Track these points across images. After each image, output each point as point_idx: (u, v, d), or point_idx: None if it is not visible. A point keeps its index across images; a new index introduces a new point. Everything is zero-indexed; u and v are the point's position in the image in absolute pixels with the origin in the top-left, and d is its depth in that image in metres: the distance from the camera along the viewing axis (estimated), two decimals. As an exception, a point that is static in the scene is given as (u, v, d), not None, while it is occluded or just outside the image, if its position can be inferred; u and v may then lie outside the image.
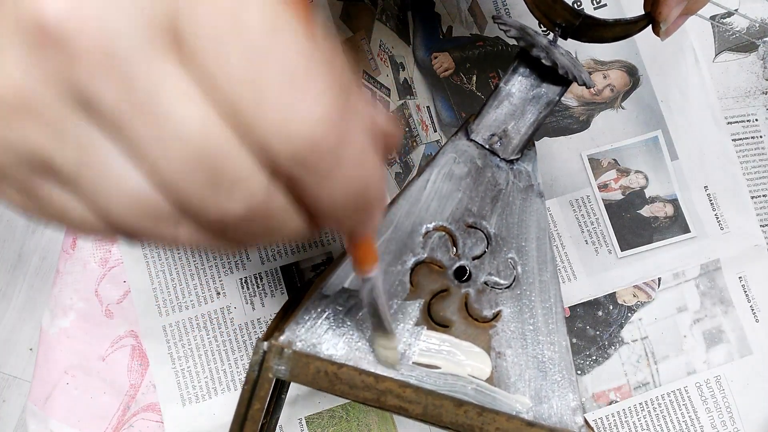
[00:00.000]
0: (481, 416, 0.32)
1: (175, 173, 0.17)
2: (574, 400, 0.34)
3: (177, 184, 0.17)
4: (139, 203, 0.18)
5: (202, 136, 0.17)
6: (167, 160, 0.17)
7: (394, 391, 0.32)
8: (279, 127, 0.17)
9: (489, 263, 0.36)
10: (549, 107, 0.39)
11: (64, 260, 0.54)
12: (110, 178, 0.18)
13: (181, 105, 0.17)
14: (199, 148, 0.17)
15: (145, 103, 0.16)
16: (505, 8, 0.56)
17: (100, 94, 0.16)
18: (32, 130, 0.17)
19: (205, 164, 0.17)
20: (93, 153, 0.17)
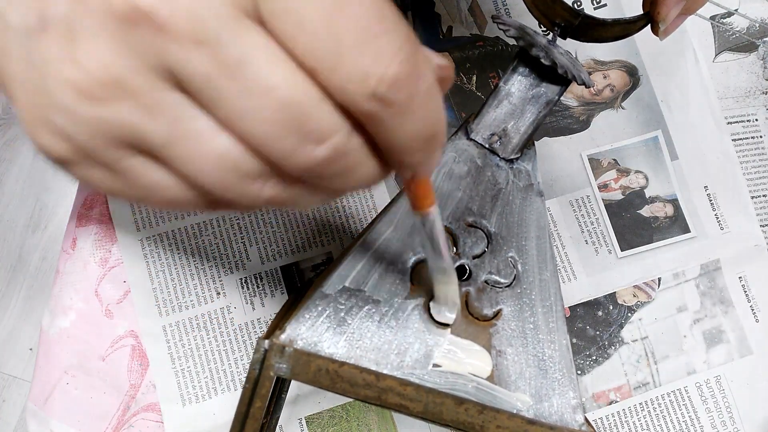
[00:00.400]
0: (482, 414, 0.32)
1: (265, 130, 0.19)
2: (574, 398, 0.34)
3: (266, 139, 0.19)
4: (229, 164, 0.19)
5: (288, 93, 0.18)
6: (257, 119, 0.18)
7: (395, 389, 0.32)
8: (359, 74, 0.18)
9: (489, 262, 0.36)
10: (548, 107, 0.39)
11: (64, 260, 0.54)
12: (201, 144, 0.19)
13: (266, 68, 0.18)
14: (286, 104, 0.18)
15: (234, 71, 0.18)
16: (505, 8, 0.56)
17: (192, 67, 0.18)
18: (124, 108, 0.18)
19: (292, 118, 0.18)
20: (183, 123, 0.19)
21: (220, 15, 0.17)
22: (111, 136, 0.19)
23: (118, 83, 0.18)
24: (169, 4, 0.17)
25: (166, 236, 0.53)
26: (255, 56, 0.18)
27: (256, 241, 0.53)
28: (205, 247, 0.53)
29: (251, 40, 0.18)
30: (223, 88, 0.18)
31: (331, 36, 0.18)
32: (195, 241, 0.53)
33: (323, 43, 0.18)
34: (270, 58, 0.18)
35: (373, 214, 0.54)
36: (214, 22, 0.17)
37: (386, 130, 0.20)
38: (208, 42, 0.17)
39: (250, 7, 0.18)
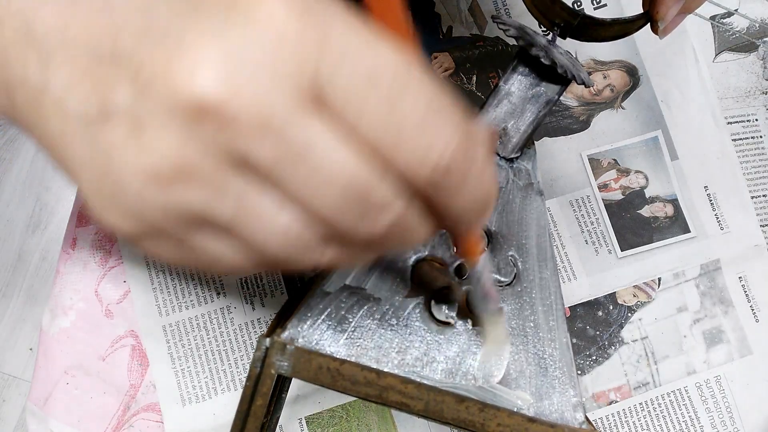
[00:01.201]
0: (483, 412, 0.32)
1: (330, 206, 0.20)
2: (574, 396, 0.34)
3: (331, 214, 0.20)
4: (293, 236, 0.21)
5: (352, 172, 0.19)
6: (323, 197, 0.19)
7: (396, 387, 0.32)
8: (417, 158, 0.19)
9: (490, 261, 0.37)
10: (548, 106, 0.39)
11: (64, 260, 0.54)
12: (266, 219, 0.20)
13: (331, 150, 0.19)
14: (351, 182, 0.19)
15: (300, 155, 0.19)
16: (505, 8, 0.56)
17: (258, 154, 0.19)
18: (192, 192, 0.19)
19: (354, 197, 0.20)
20: (250, 201, 0.20)
21: (285, 104, 0.18)
22: (179, 217, 0.20)
23: (186, 169, 0.19)
24: (236, 97, 0.18)
25: (166, 236, 0.53)
26: (319, 140, 0.19)
27: (256, 241, 0.53)
28: (205, 247, 0.53)
29: (315, 125, 0.19)
30: (289, 170, 0.19)
31: (393, 120, 0.19)
32: (195, 241, 0.53)
33: (385, 126, 0.19)
34: (334, 141, 0.19)
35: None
36: (280, 111, 0.18)
37: (445, 200, 0.21)
38: (275, 130, 0.18)
39: (314, 92, 0.19)
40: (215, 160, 0.19)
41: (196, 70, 0.18)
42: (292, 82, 0.18)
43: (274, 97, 0.18)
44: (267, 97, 0.18)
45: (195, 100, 0.18)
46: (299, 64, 0.18)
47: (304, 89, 0.18)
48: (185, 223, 0.20)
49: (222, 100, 0.18)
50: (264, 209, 0.20)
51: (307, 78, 0.18)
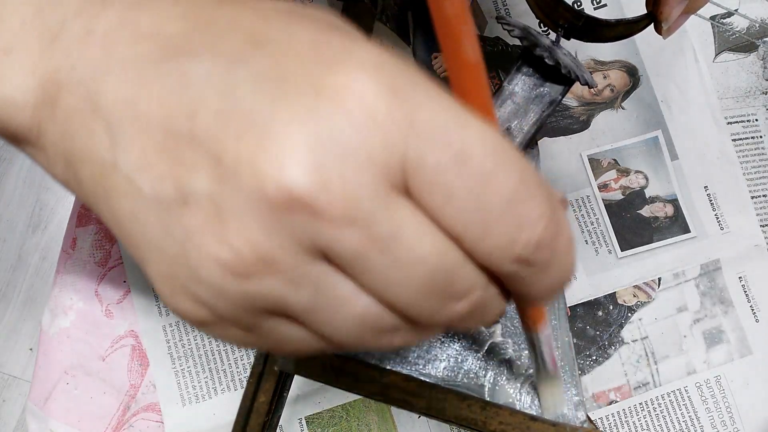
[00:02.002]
0: (485, 410, 0.32)
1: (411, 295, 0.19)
2: (576, 395, 0.34)
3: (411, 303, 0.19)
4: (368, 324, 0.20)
5: (436, 262, 0.18)
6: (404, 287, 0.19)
7: (398, 384, 0.32)
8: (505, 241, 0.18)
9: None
10: (552, 106, 0.39)
11: (64, 260, 0.54)
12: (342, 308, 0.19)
13: (416, 241, 0.18)
14: (431, 275, 0.19)
15: (385, 245, 0.18)
16: (506, 8, 0.56)
17: (343, 245, 0.18)
18: (271, 283, 0.18)
19: (438, 283, 0.19)
20: (327, 291, 0.19)
21: (373, 195, 0.17)
22: (254, 307, 0.19)
23: (267, 262, 0.18)
24: (325, 190, 0.17)
25: (166, 236, 0.53)
26: (405, 230, 0.18)
27: (257, 241, 0.53)
28: (206, 246, 0.53)
29: (401, 215, 0.18)
30: (372, 260, 0.18)
31: (479, 208, 0.18)
32: (195, 240, 0.53)
33: (471, 215, 0.18)
34: (419, 231, 0.18)
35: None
36: (368, 202, 0.17)
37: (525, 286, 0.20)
38: (362, 221, 0.18)
39: (399, 180, 0.18)
40: (297, 251, 0.18)
41: (286, 161, 0.17)
42: (381, 168, 0.17)
43: (363, 186, 0.17)
44: (356, 187, 0.17)
45: (284, 192, 0.17)
46: (388, 149, 0.17)
47: (392, 174, 0.18)
48: (259, 312, 0.19)
49: (311, 192, 0.17)
50: (341, 298, 0.19)
51: (396, 162, 0.18)
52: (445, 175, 0.18)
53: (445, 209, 0.18)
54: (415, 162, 0.18)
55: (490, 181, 0.18)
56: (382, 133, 0.17)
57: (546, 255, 0.19)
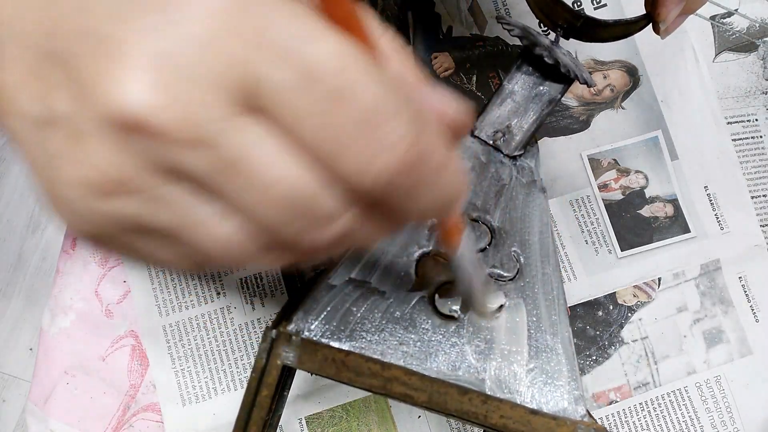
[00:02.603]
0: (486, 404, 0.32)
1: (269, 218, 0.19)
2: (576, 389, 0.34)
3: (271, 226, 0.19)
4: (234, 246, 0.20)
5: (291, 184, 0.18)
6: (263, 209, 0.18)
7: (400, 378, 0.32)
8: (361, 166, 0.18)
9: (493, 256, 0.37)
10: (551, 105, 0.39)
11: (64, 260, 0.54)
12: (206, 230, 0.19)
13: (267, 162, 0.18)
14: (291, 194, 0.18)
15: (235, 166, 0.18)
16: (505, 8, 0.56)
17: (192, 165, 0.18)
18: (131, 203, 0.18)
19: (297, 207, 0.18)
20: (190, 212, 0.19)
21: (216, 117, 0.17)
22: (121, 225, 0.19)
23: (122, 182, 0.18)
24: (164, 110, 0.17)
25: (166, 236, 0.53)
26: (255, 152, 0.18)
27: (257, 241, 0.53)
28: (206, 246, 0.53)
29: (250, 137, 0.18)
30: (226, 182, 0.18)
31: (330, 129, 0.17)
32: (195, 240, 0.53)
33: (322, 135, 0.18)
34: (270, 152, 0.18)
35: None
36: (211, 124, 0.17)
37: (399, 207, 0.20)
38: (206, 143, 0.17)
39: (249, 99, 0.17)
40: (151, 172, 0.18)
41: (125, 80, 0.17)
42: (225, 87, 0.17)
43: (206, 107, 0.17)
44: (197, 107, 0.17)
45: (125, 112, 0.17)
46: (231, 67, 0.17)
47: (237, 93, 0.17)
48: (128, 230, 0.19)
49: (151, 114, 0.17)
50: (205, 219, 0.19)
51: (242, 80, 0.17)
52: (294, 93, 0.17)
53: (298, 129, 0.18)
54: (262, 80, 0.17)
55: (341, 101, 0.17)
56: (225, 50, 0.17)
57: (411, 179, 0.18)
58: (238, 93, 0.17)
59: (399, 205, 0.19)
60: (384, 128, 0.18)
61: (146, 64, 0.17)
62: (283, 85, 0.17)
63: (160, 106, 0.17)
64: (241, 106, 0.17)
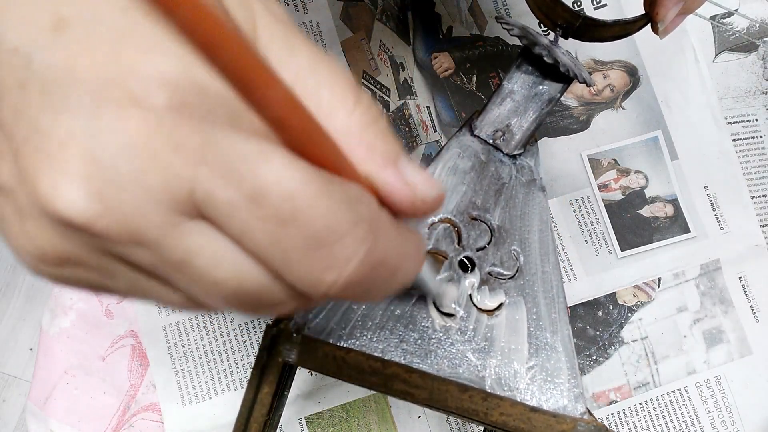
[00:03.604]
0: (486, 401, 0.33)
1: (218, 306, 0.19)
2: (576, 387, 0.34)
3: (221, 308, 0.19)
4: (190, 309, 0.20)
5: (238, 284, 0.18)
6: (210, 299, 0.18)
7: (401, 376, 0.32)
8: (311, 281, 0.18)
9: (493, 254, 0.37)
10: (550, 104, 0.40)
11: (64, 260, 0.54)
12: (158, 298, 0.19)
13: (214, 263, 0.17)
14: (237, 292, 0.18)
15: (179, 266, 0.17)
16: (505, 8, 0.56)
17: (137, 259, 0.17)
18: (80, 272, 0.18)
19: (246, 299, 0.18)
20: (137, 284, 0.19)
21: (156, 223, 0.17)
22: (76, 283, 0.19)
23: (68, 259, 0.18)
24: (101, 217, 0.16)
25: (166, 236, 0.53)
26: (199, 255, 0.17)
27: (257, 241, 0.53)
28: (206, 246, 0.53)
29: (194, 240, 0.17)
30: (172, 276, 0.18)
31: (278, 246, 0.17)
32: (195, 240, 0.53)
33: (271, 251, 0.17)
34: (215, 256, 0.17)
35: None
36: (151, 231, 0.17)
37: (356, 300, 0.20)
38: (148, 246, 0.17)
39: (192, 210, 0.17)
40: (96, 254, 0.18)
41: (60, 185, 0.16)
42: (164, 199, 0.16)
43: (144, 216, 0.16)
44: (136, 217, 0.16)
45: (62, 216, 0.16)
46: (171, 181, 0.16)
47: (178, 205, 0.16)
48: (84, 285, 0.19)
49: (87, 220, 0.16)
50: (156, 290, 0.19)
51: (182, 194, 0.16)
52: (238, 214, 0.17)
53: (244, 242, 0.17)
54: (204, 198, 0.16)
55: (290, 224, 0.17)
56: (165, 164, 0.16)
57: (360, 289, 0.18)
58: (179, 203, 0.16)
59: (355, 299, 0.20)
60: (335, 247, 0.17)
61: (84, 170, 0.16)
62: (226, 204, 0.16)
63: (96, 214, 0.16)
64: (183, 215, 0.17)
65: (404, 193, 0.20)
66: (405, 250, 0.20)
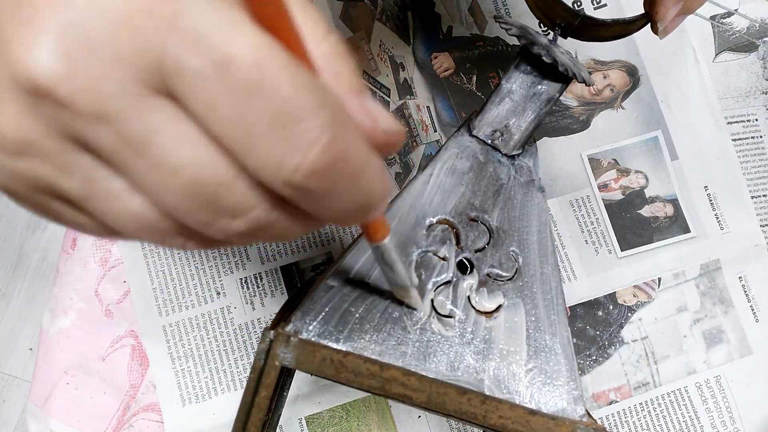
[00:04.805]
0: (485, 404, 0.32)
1: (175, 202, 0.18)
2: (575, 389, 0.34)
3: (179, 212, 0.19)
4: (144, 223, 0.19)
5: (196, 172, 0.18)
6: (167, 194, 0.18)
7: (399, 379, 0.32)
8: (273, 164, 0.17)
9: (491, 255, 0.37)
10: (549, 104, 0.39)
11: (64, 260, 0.54)
12: (115, 203, 0.19)
13: (172, 147, 0.17)
14: (194, 183, 0.18)
15: (140, 145, 0.17)
16: (505, 8, 0.56)
17: (98, 140, 0.17)
18: (37, 164, 0.18)
19: (202, 195, 0.18)
20: (97, 183, 0.19)
21: (122, 93, 0.17)
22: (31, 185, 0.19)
23: (29, 144, 0.18)
24: (70, 80, 0.17)
25: (166, 236, 0.53)
26: (160, 134, 0.17)
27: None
28: (205, 246, 0.53)
29: (156, 118, 0.17)
30: (130, 161, 0.18)
31: (242, 122, 0.17)
32: (195, 240, 0.53)
33: (234, 128, 0.17)
34: (177, 137, 0.17)
35: (373, 214, 0.54)
36: (116, 100, 0.17)
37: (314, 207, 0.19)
38: (109, 118, 0.17)
39: (159, 82, 0.17)
40: (58, 139, 0.18)
41: (34, 46, 0.17)
42: (133, 67, 0.17)
43: (111, 83, 0.17)
44: (102, 83, 0.17)
45: (30, 78, 0.17)
46: (141, 47, 0.17)
47: (146, 74, 0.17)
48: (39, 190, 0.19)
49: (55, 83, 0.17)
50: (112, 192, 0.19)
51: (151, 61, 0.17)
52: (205, 82, 0.17)
53: (208, 118, 0.17)
54: (173, 66, 0.17)
55: (254, 95, 0.17)
56: (136, 29, 0.16)
57: (324, 183, 0.18)
58: (146, 73, 0.17)
59: (314, 205, 0.19)
60: (299, 127, 0.17)
61: (56, 33, 0.16)
62: (194, 73, 0.17)
63: (65, 76, 0.17)
64: (149, 87, 0.17)
65: (367, 122, 0.20)
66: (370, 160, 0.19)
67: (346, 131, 0.18)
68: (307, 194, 0.18)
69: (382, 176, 0.20)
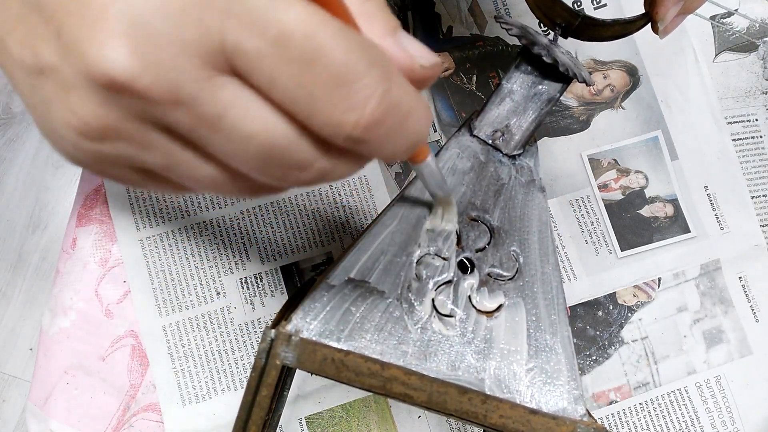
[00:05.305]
0: (485, 404, 0.32)
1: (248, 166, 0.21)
2: (575, 389, 0.34)
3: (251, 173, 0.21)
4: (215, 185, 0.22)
5: (266, 138, 0.20)
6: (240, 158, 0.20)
7: (400, 378, 0.32)
8: (334, 123, 0.19)
9: (492, 255, 0.37)
10: (550, 104, 0.39)
11: (64, 260, 0.54)
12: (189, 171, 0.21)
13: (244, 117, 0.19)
14: (266, 147, 0.20)
15: (213, 122, 0.19)
16: (505, 8, 0.56)
17: (176, 121, 0.19)
18: (120, 146, 0.20)
19: (273, 157, 0.20)
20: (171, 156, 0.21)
21: (192, 79, 0.18)
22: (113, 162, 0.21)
23: (110, 129, 0.20)
24: (144, 76, 0.18)
25: (166, 236, 0.53)
26: (231, 110, 0.19)
27: (256, 241, 0.53)
28: (205, 247, 0.53)
29: (226, 95, 0.19)
30: (206, 136, 0.20)
31: (302, 90, 0.19)
32: (195, 241, 0.53)
33: (295, 96, 0.19)
34: (245, 110, 0.19)
35: (373, 214, 0.54)
36: (187, 86, 0.18)
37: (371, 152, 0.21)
38: (184, 102, 0.19)
39: (224, 63, 0.19)
40: (136, 123, 0.20)
41: (106, 46, 0.18)
42: (198, 54, 0.18)
43: (181, 72, 0.18)
44: (173, 73, 0.18)
45: (106, 76, 0.18)
46: (204, 35, 0.18)
47: (211, 59, 0.18)
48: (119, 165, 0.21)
49: (131, 79, 0.18)
50: (188, 161, 0.21)
51: (214, 46, 0.18)
52: (265, 59, 0.18)
53: (271, 90, 0.19)
54: (234, 47, 0.18)
55: (311, 64, 0.18)
56: (196, 20, 0.18)
57: (379, 132, 0.20)
58: (211, 57, 0.18)
59: (370, 150, 0.21)
60: (354, 87, 0.19)
61: (124, 31, 0.18)
62: (254, 51, 0.18)
63: (138, 71, 0.18)
64: (215, 69, 0.19)
65: (404, 59, 0.22)
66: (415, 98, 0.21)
67: (395, 83, 0.20)
68: (365, 143, 0.20)
69: (425, 111, 0.22)
